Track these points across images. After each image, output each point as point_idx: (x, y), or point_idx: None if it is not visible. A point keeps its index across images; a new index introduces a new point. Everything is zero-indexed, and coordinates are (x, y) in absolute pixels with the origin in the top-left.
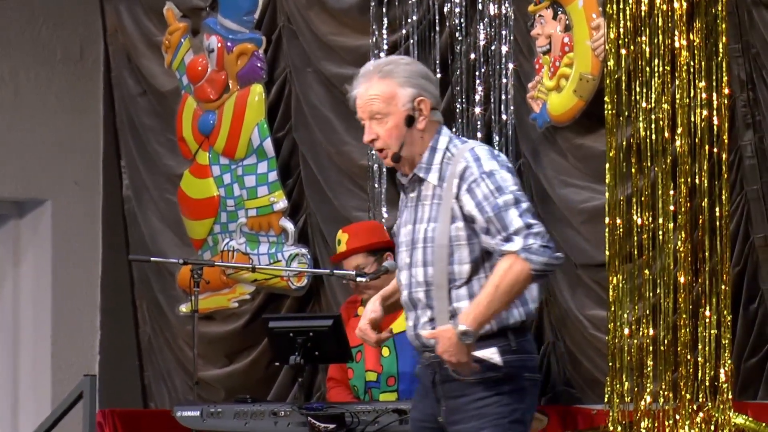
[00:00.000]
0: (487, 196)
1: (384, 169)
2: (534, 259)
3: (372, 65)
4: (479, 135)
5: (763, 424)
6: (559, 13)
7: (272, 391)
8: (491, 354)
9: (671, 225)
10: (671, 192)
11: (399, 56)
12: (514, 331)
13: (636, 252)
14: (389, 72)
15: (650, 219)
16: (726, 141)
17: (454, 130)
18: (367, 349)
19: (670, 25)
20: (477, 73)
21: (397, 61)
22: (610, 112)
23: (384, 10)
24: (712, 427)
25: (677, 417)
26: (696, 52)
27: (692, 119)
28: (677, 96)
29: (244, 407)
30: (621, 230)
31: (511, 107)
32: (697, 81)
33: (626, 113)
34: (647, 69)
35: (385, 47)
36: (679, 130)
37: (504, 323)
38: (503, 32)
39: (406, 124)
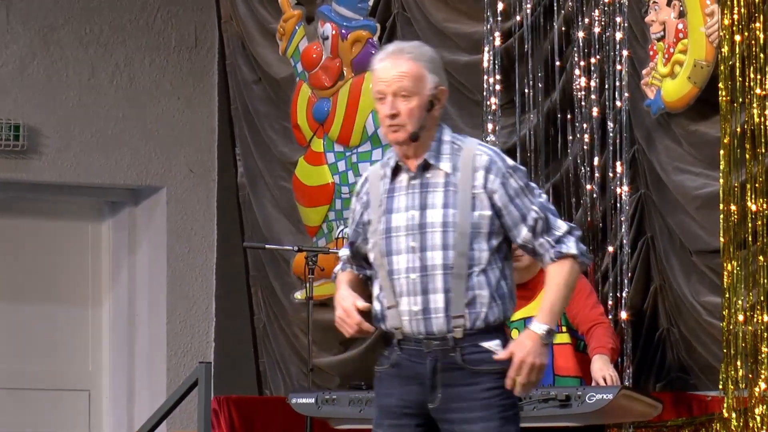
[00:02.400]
0: (518, 193)
1: None
2: (585, 262)
3: (398, 45)
4: (594, 122)
5: None
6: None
7: None
8: (495, 346)
9: None
10: None
11: (421, 43)
12: (506, 326)
13: (750, 238)
14: (419, 55)
15: (765, 205)
16: None
17: (569, 117)
18: None
19: None
20: (592, 60)
21: (422, 46)
22: (724, 98)
23: None
24: None
25: None
26: None
27: None
28: None
29: (359, 394)
30: (735, 216)
31: (626, 94)
32: None
33: (741, 100)
34: (761, 55)
35: (499, 34)
36: None
37: (506, 315)
38: (617, 19)
39: (426, 107)
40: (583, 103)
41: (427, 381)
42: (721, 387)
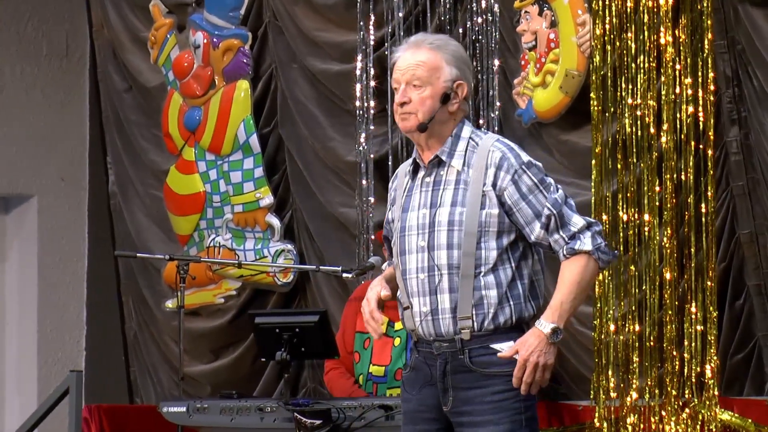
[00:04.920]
0: (531, 189)
1: (371, 165)
2: (603, 258)
3: (422, 36)
4: None
5: (749, 420)
6: (545, 9)
7: (258, 387)
8: (507, 348)
9: (657, 221)
10: (657, 188)
11: (448, 37)
12: (527, 325)
13: (622, 248)
14: (440, 46)
15: (636, 215)
16: (711, 137)
17: None
18: (375, 341)
19: (655, 21)
20: None
21: (447, 40)
22: (595, 108)
23: (370, 5)
24: (698, 424)
25: (663, 413)
26: (681, 48)
27: (678, 115)
28: (663, 92)
29: (230, 403)
30: (607, 226)
31: (497, 103)
32: (682, 77)
33: (612, 109)
34: (633, 65)
35: (372, 43)
36: (665, 127)
37: (521, 316)
38: (489, 28)
39: (441, 100)
40: None
41: (439, 383)
42: (592, 396)
